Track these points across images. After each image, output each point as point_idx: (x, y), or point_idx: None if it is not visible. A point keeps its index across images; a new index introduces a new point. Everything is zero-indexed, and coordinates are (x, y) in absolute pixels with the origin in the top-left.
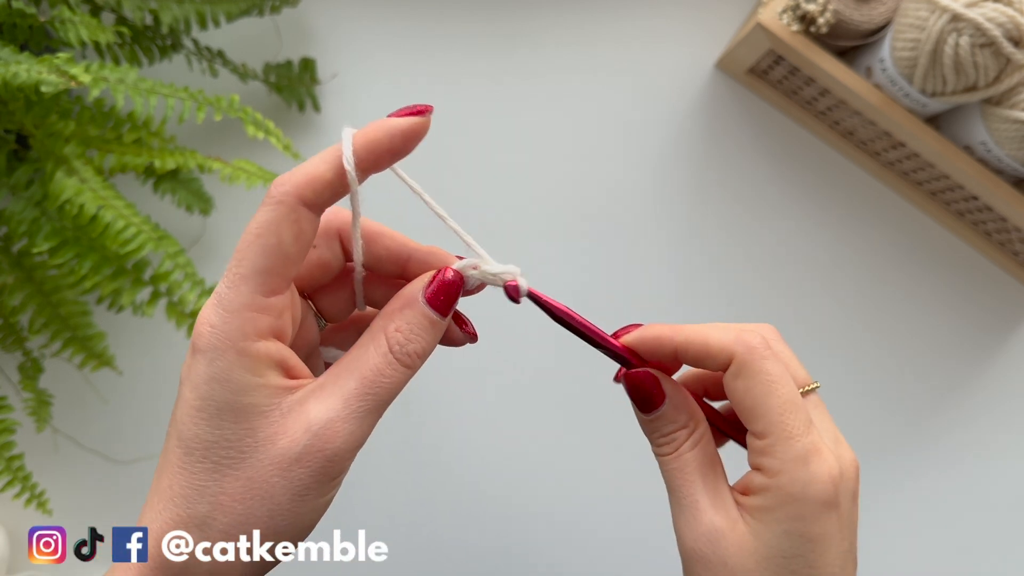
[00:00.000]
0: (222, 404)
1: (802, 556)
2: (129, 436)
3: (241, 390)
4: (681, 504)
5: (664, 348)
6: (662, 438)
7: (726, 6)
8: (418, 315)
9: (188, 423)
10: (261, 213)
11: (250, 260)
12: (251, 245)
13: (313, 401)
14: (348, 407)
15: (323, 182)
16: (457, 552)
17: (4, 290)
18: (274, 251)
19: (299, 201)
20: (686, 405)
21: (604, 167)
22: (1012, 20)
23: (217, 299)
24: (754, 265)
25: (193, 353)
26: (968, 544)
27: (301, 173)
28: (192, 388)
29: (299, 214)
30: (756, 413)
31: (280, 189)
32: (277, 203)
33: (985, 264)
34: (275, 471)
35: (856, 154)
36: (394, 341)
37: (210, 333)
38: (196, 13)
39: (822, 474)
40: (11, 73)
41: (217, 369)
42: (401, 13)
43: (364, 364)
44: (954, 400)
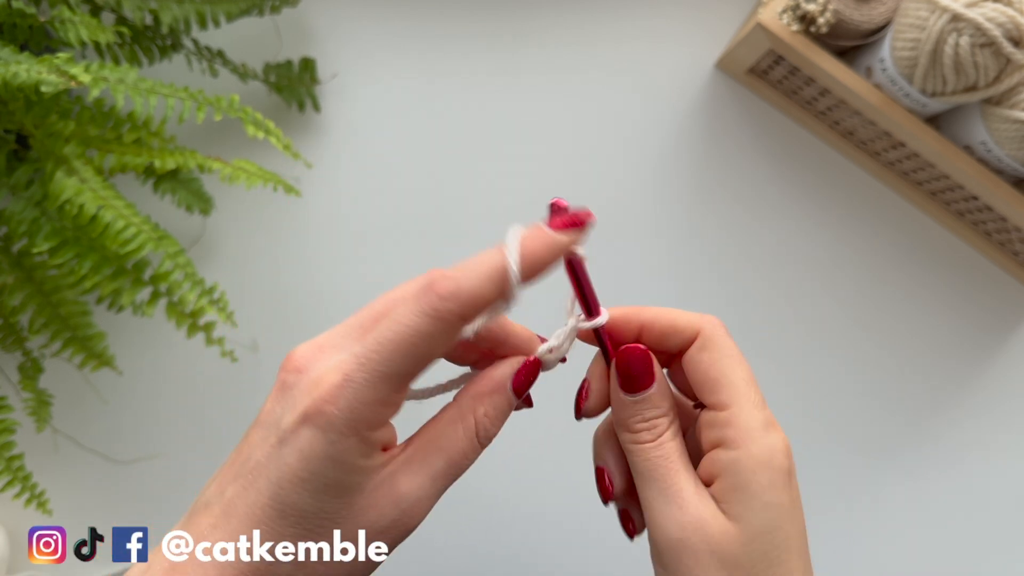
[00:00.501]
0: (331, 481)
1: (781, 528)
2: (129, 436)
3: (352, 471)
4: (665, 494)
5: (630, 325)
6: (643, 423)
7: (726, 6)
8: (504, 402)
9: (291, 490)
10: (420, 321)
11: (397, 363)
12: (402, 350)
13: (403, 477)
14: (435, 486)
15: (485, 302)
16: (457, 552)
17: (4, 290)
18: (423, 361)
19: (462, 322)
20: (669, 392)
21: (604, 167)
22: (1012, 20)
23: (349, 384)
24: (754, 265)
25: (306, 422)
26: (968, 544)
27: (468, 292)
28: (301, 459)
29: (457, 331)
30: (721, 383)
31: (446, 306)
32: (441, 320)
33: (985, 264)
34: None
35: (856, 154)
36: (482, 427)
37: (337, 416)
38: (196, 13)
39: (782, 444)
40: (11, 73)
41: (336, 451)
42: (401, 13)
43: (452, 446)
44: (954, 400)
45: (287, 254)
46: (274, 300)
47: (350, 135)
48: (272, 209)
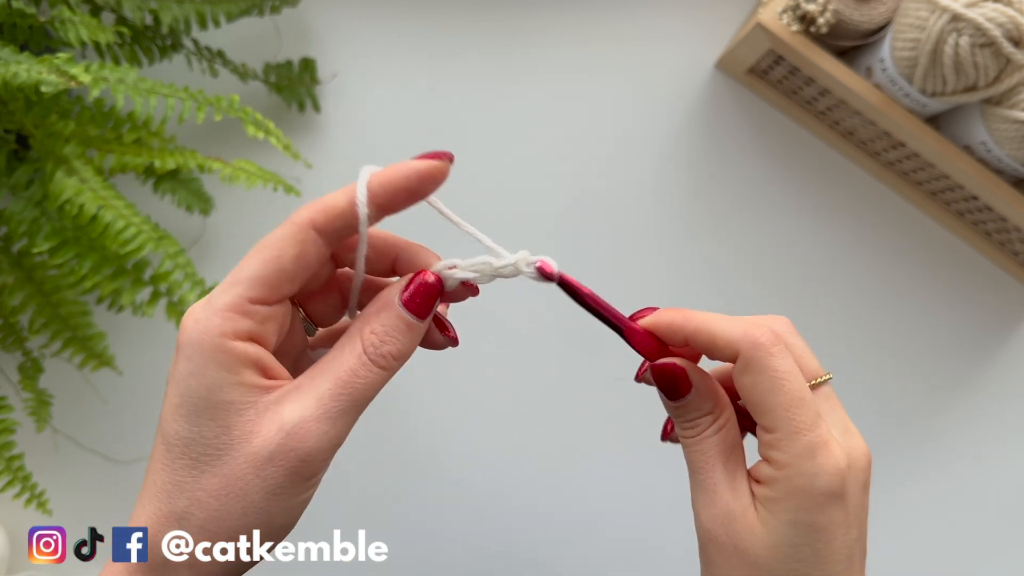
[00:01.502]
0: (199, 401)
1: (808, 545)
2: (129, 436)
3: (216, 386)
4: (701, 486)
5: (676, 335)
6: (687, 423)
7: (726, 6)
8: (393, 317)
9: (169, 420)
10: (276, 229)
11: (247, 267)
12: (253, 255)
13: (288, 401)
14: (321, 407)
15: (336, 211)
16: (457, 552)
17: (4, 290)
18: (272, 263)
19: (310, 224)
20: (711, 393)
21: (604, 166)
22: (1012, 20)
23: (207, 298)
24: (754, 264)
25: (177, 351)
26: (969, 544)
27: (319, 201)
28: (173, 384)
29: (306, 235)
30: (763, 409)
31: (297, 213)
32: (289, 223)
33: (985, 264)
34: (249, 469)
35: (856, 154)
36: (368, 343)
37: (192, 328)
38: (196, 13)
39: (828, 467)
40: (11, 73)
41: (194, 365)
42: (401, 13)
43: (339, 365)
44: (954, 400)
45: None
46: None
47: (350, 135)
48: (272, 209)
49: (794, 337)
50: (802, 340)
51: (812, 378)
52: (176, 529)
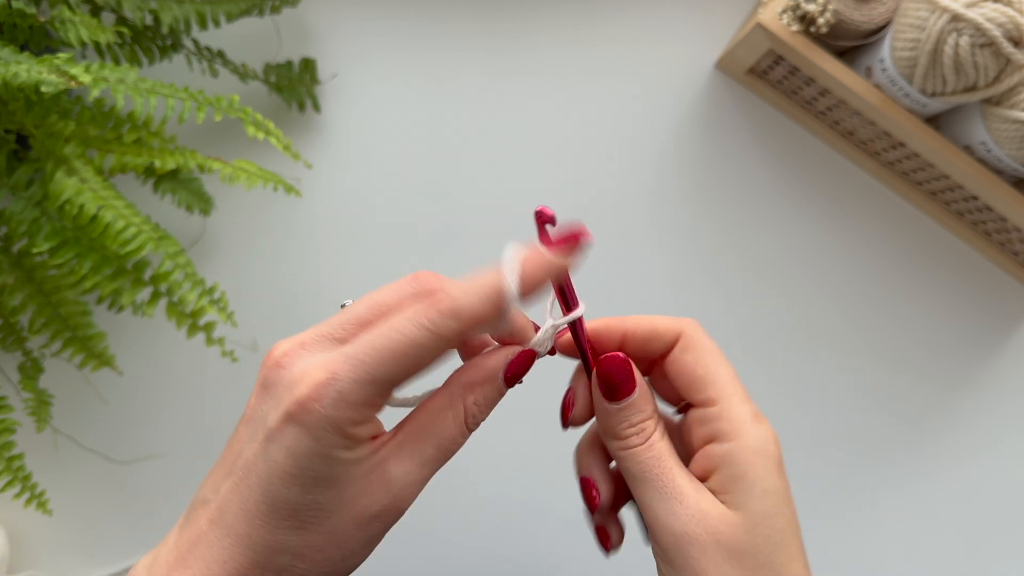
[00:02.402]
0: (319, 475)
1: (781, 513)
2: (129, 436)
3: (339, 464)
4: (663, 493)
5: (612, 334)
6: (630, 428)
7: (726, 6)
8: (495, 391)
9: (280, 486)
10: (419, 333)
11: (388, 370)
12: (395, 358)
13: (394, 463)
14: (424, 471)
15: (483, 322)
16: (457, 552)
17: (4, 290)
18: (414, 371)
19: (459, 338)
20: (651, 395)
21: (604, 167)
22: (1012, 20)
23: (335, 383)
24: (753, 265)
25: (291, 420)
26: (969, 544)
27: (467, 311)
28: (289, 456)
29: (452, 347)
30: (707, 380)
31: (445, 324)
32: (439, 336)
33: (985, 264)
34: (354, 526)
35: (856, 154)
36: (471, 414)
37: (321, 415)
38: (196, 13)
39: (771, 432)
40: (11, 73)
41: (322, 447)
42: (401, 13)
43: (442, 432)
44: (954, 400)
45: (287, 254)
46: (274, 300)
47: (350, 135)
48: (272, 209)
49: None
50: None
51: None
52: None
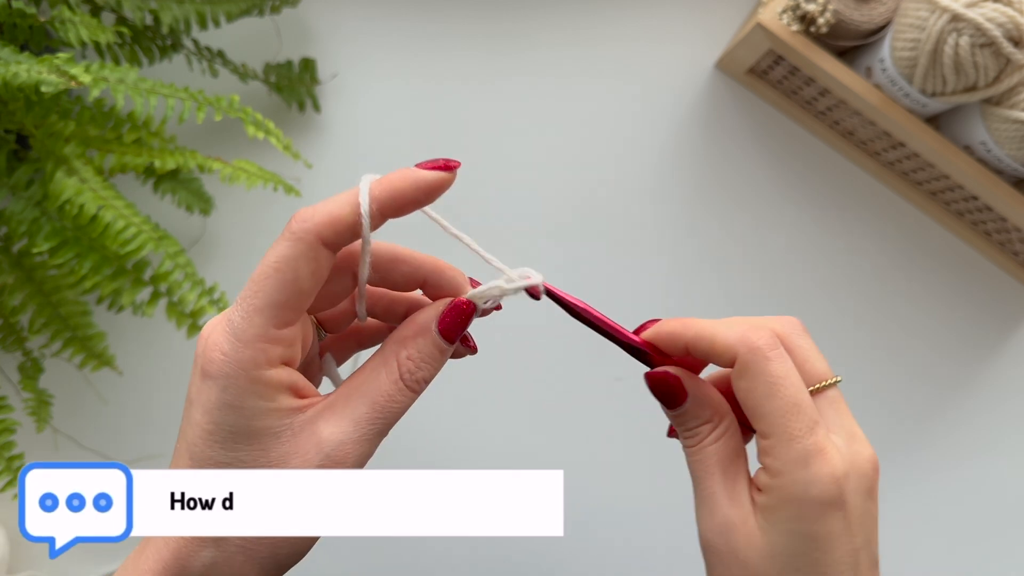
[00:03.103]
0: (235, 428)
1: (806, 555)
2: (129, 436)
3: (253, 415)
4: (701, 496)
5: (676, 343)
6: (687, 431)
7: (726, 6)
8: (429, 344)
9: (201, 445)
10: (280, 247)
11: (266, 293)
12: (268, 278)
13: (324, 422)
14: (359, 430)
15: (344, 224)
16: (455, 553)
17: (4, 290)
18: (290, 286)
19: (319, 240)
20: (709, 401)
21: (604, 167)
22: (1012, 20)
23: (230, 327)
24: (753, 265)
25: (204, 378)
26: (969, 544)
27: (323, 213)
28: (204, 412)
29: (317, 252)
30: (758, 414)
31: (301, 226)
32: (297, 239)
33: (985, 264)
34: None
35: (856, 154)
36: (405, 369)
37: (223, 361)
38: (196, 13)
39: (823, 475)
40: (11, 73)
41: (230, 396)
42: (401, 13)
43: (375, 389)
44: (954, 400)
45: None
46: None
47: (350, 135)
48: (272, 209)
49: (800, 338)
50: (810, 341)
51: (818, 381)
52: (211, 548)
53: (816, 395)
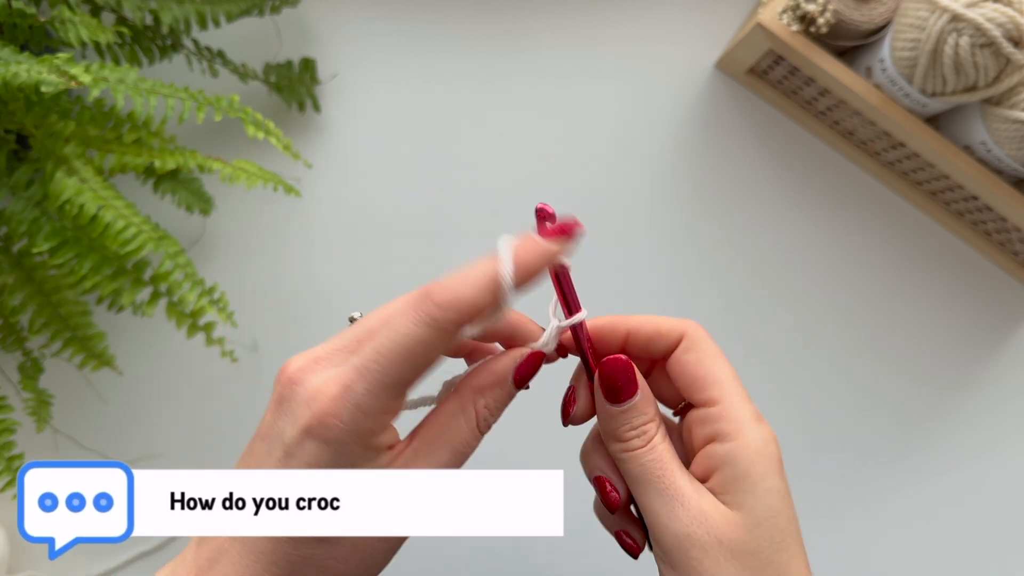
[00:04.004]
0: None
1: (783, 513)
2: (129, 436)
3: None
4: (665, 495)
5: (616, 333)
6: (632, 431)
7: (726, 6)
8: (505, 394)
9: None
10: (418, 330)
11: (396, 372)
12: (401, 358)
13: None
14: None
15: (481, 311)
16: (454, 555)
17: (4, 290)
18: (421, 369)
19: (458, 329)
20: (652, 397)
21: (603, 167)
22: (1012, 20)
23: (351, 396)
24: (753, 265)
25: (311, 436)
26: (970, 544)
27: (466, 300)
28: (305, 465)
29: (452, 338)
30: (709, 380)
31: (444, 315)
32: (438, 327)
33: (985, 264)
34: (378, 537)
35: (856, 154)
36: (482, 417)
37: (340, 429)
38: (196, 13)
39: (772, 433)
40: (11, 73)
41: (343, 460)
42: (401, 13)
43: (456, 437)
44: (954, 400)
45: (287, 254)
46: (274, 300)
47: (350, 135)
48: (272, 209)
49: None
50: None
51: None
52: (312, 568)
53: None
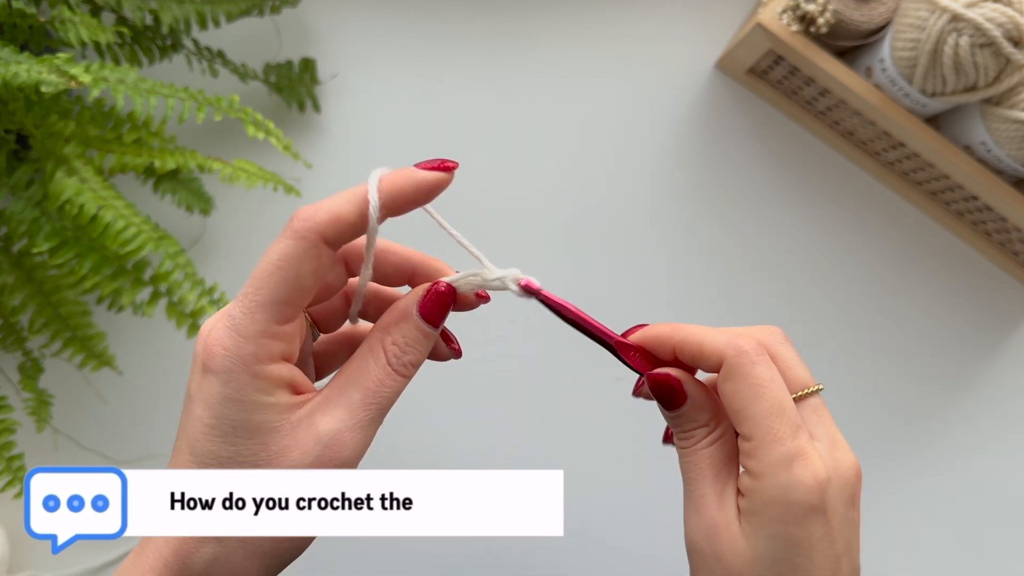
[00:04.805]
0: (236, 422)
1: (787, 560)
2: (129, 436)
3: (254, 409)
4: (690, 497)
5: (664, 347)
6: (683, 433)
7: (726, 6)
8: (412, 328)
9: (202, 439)
10: (283, 244)
11: (268, 290)
12: (271, 275)
13: (320, 414)
14: (354, 417)
15: (346, 223)
16: (453, 556)
17: (4, 290)
18: (293, 283)
19: (321, 238)
20: (707, 405)
21: (604, 167)
22: (1012, 20)
23: (231, 322)
24: (753, 265)
25: (204, 372)
26: (969, 544)
27: (325, 211)
28: (205, 407)
29: (320, 250)
30: (742, 416)
31: (304, 224)
32: (300, 238)
33: (985, 264)
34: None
35: (856, 154)
36: (391, 353)
37: (224, 355)
38: (196, 13)
39: (805, 478)
40: (11, 73)
41: (231, 390)
42: (401, 13)
43: (365, 376)
44: (954, 400)
45: None
46: None
47: (350, 135)
48: (272, 209)
49: (783, 347)
50: (793, 350)
51: (800, 389)
52: (212, 544)
53: (799, 402)
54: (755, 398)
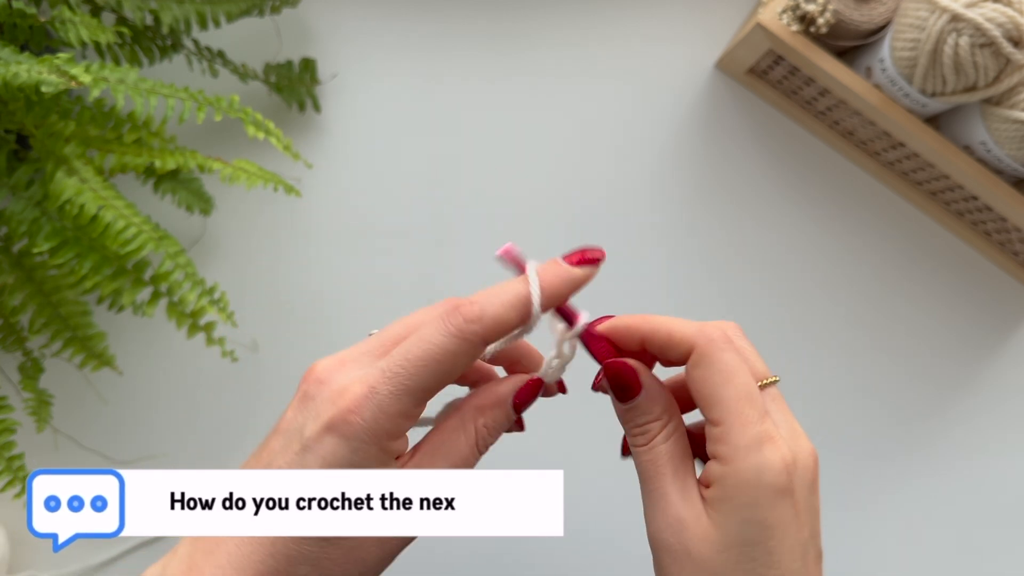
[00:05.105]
0: None
1: (761, 544)
2: (129, 436)
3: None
4: (652, 494)
5: (632, 336)
6: (636, 428)
7: (726, 6)
8: (503, 416)
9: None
10: (446, 340)
11: (422, 378)
12: (427, 366)
13: None
14: None
15: (508, 328)
16: (455, 552)
17: (4, 290)
18: (445, 377)
19: (483, 342)
20: (661, 398)
21: (604, 167)
22: (1012, 20)
23: (374, 397)
24: (753, 265)
25: (331, 432)
26: (969, 544)
27: (492, 317)
28: (324, 465)
29: (479, 351)
30: (712, 400)
31: (471, 328)
32: (465, 339)
33: (985, 264)
34: (375, 542)
35: (856, 154)
36: (481, 435)
37: (361, 426)
38: (196, 13)
39: (775, 460)
40: (11, 73)
41: (357, 458)
42: (401, 13)
43: (455, 452)
44: (954, 400)
45: (287, 254)
46: (274, 300)
47: (350, 135)
48: (272, 209)
49: (742, 340)
50: (750, 344)
51: (759, 379)
52: (306, 565)
53: (760, 391)
54: (725, 383)
